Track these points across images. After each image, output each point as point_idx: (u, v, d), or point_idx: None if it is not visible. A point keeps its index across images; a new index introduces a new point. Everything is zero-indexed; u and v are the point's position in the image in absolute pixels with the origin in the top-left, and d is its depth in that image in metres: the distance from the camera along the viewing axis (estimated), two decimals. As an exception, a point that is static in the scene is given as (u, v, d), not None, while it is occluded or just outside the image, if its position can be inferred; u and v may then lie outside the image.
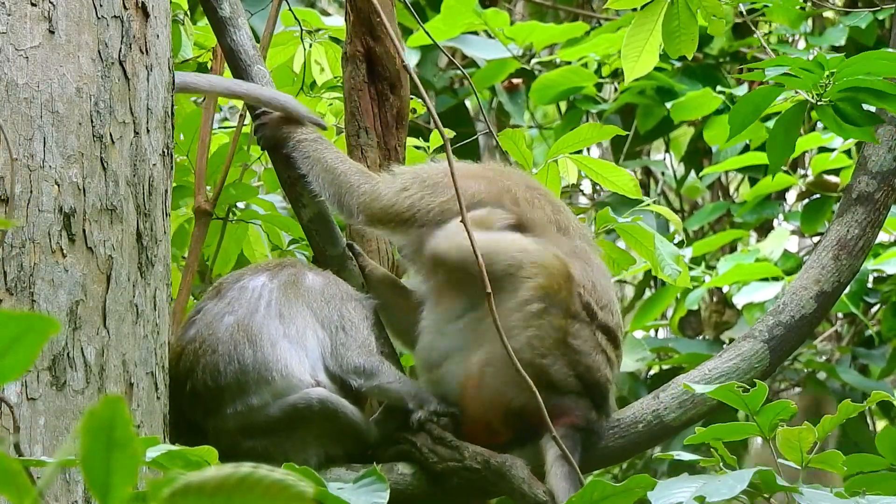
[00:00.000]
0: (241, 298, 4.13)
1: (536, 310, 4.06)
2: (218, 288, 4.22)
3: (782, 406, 3.55)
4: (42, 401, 3.51)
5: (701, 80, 7.64)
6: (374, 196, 4.24)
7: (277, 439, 4.06)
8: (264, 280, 4.18)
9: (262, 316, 4.09)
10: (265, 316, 4.10)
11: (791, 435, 3.57)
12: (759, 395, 3.54)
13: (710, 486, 3.15)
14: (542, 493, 4.01)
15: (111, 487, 1.86)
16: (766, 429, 3.57)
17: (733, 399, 3.56)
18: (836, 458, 3.56)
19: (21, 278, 3.55)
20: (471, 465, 4.10)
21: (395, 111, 4.62)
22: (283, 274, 4.20)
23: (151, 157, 3.82)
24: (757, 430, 3.57)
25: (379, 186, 4.26)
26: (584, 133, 4.88)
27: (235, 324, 4.08)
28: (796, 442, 3.57)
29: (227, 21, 4.42)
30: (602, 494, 2.88)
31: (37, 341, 1.90)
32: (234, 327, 4.08)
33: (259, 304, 4.12)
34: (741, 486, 3.14)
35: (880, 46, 7.75)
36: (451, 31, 7.65)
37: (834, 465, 3.56)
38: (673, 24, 4.77)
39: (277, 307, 4.12)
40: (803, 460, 3.59)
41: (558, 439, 3.99)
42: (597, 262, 4.26)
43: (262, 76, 4.43)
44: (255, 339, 4.06)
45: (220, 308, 4.13)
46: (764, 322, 4.39)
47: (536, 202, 4.26)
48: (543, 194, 4.35)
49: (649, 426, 4.27)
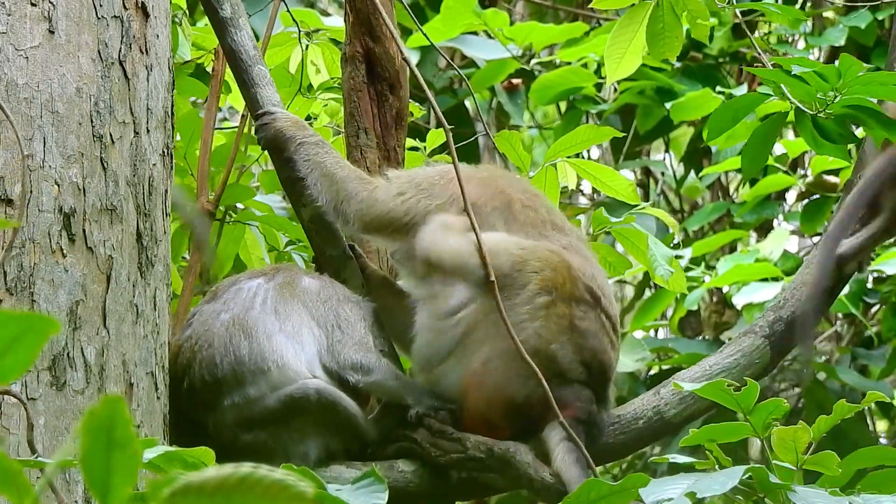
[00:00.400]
0: (237, 298, 4.16)
1: (544, 302, 4.09)
2: (214, 292, 4.25)
3: (775, 405, 3.49)
4: (42, 401, 3.52)
5: (701, 80, 7.64)
6: (370, 203, 4.25)
7: (276, 431, 4.07)
8: (260, 281, 4.21)
9: (257, 312, 4.12)
10: (261, 312, 4.12)
11: (786, 434, 3.50)
12: (751, 394, 3.48)
13: (701, 482, 3.14)
14: (549, 476, 4.03)
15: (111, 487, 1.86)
16: (759, 428, 3.51)
17: (725, 398, 3.50)
18: (830, 460, 3.49)
19: (21, 278, 3.55)
20: (474, 455, 4.11)
21: (395, 112, 4.62)
22: (279, 276, 4.23)
23: (151, 157, 3.82)
24: (751, 431, 3.51)
25: (376, 193, 4.26)
26: (582, 135, 4.88)
27: (231, 319, 4.11)
28: (791, 442, 3.50)
29: (227, 22, 4.42)
30: (599, 494, 2.88)
31: (37, 341, 1.91)
32: (230, 322, 4.10)
33: (255, 301, 4.14)
34: (733, 482, 3.13)
35: (880, 46, 7.77)
36: (451, 32, 7.65)
37: (829, 466, 3.49)
38: (657, 27, 4.76)
39: (273, 304, 4.14)
40: (798, 461, 3.52)
41: (565, 423, 4.01)
42: (593, 259, 4.29)
43: (263, 77, 4.43)
44: (251, 332, 4.08)
45: (215, 308, 4.16)
46: (765, 318, 4.39)
47: (531, 203, 4.28)
48: (538, 196, 4.37)
49: (650, 422, 4.28)
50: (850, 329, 8.12)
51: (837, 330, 8.20)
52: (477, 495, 4.69)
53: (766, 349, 4.34)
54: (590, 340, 4.14)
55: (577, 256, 4.21)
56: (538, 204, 4.30)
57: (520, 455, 4.09)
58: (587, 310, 4.14)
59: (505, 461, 4.10)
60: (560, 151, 4.88)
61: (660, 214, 5.24)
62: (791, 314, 4.36)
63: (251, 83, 4.42)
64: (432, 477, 4.18)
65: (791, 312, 4.36)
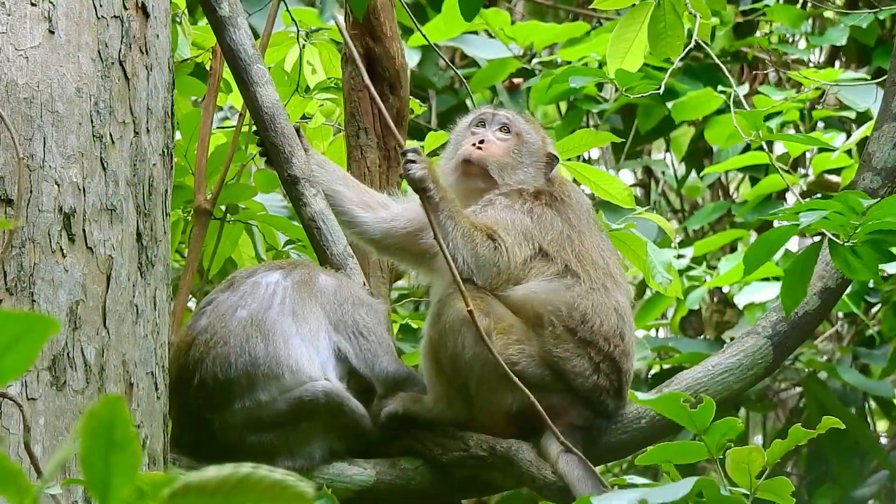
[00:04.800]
0: (255, 293, 4.16)
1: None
2: (230, 281, 4.25)
3: (730, 424, 3.32)
4: (42, 401, 3.51)
5: (702, 80, 7.63)
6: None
7: (283, 433, 4.08)
8: (278, 277, 4.20)
9: (276, 312, 4.12)
10: (279, 313, 4.12)
11: (739, 456, 3.32)
12: (707, 412, 3.32)
13: (652, 492, 3.11)
14: (551, 475, 4.05)
15: (111, 487, 1.86)
16: (713, 449, 3.35)
17: (679, 414, 3.35)
18: (785, 488, 3.33)
19: (21, 278, 3.55)
20: (476, 453, 4.13)
21: (395, 112, 4.62)
22: (296, 273, 4.23)
23: (151, 157, 3.81)
24: (705, 451, 3.35)
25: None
26: (579, 139, 4.89)
27: (248, 318, 4.11)
28: (745, 464, 3.33)
29: (226, 20, 4.42)
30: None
31: (37, 341, 1.90)
32: (247, 321, 4.11)
33: (273, 300, 4.14)
34: (683, 491, 3.09)
35: (881, 46, 7.76)
36: (452, 31, 7.64)
37: (782, 494, 3.33)
38: (659, 26, 4.76)
39: (291, 305, 4.14)
40: (752, 486, 3.34)
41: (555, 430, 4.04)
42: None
43: (262, 75, 4.43)
44: (268, 335, 4.09)
45: (232, 301, 4.15)
46: (767, 318, 4.38)
47: None
48: None
49: (652, 422, 4.28)
50: (851, 328, 8.11)
51: (839, 329, 8.19)
52: (479, 493, 4.70)
53: (768, 349, 4.34)
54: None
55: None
56: None
57: (521, 454, 4.10)
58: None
59: (507, 460, 4.11)
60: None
61: (658, 220, 5.25)
62: (793, 315, 4.36)
63: (250, 82, 4.42)
64: (435, 474, 4.20)
65: (794, 313, 4.36)
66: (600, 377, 4.19)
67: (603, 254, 4.31)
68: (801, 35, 8.22)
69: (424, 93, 8.16)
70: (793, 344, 4.41)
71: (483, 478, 4.19)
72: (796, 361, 7.53)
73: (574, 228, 4.29)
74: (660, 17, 4.75)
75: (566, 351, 4.15)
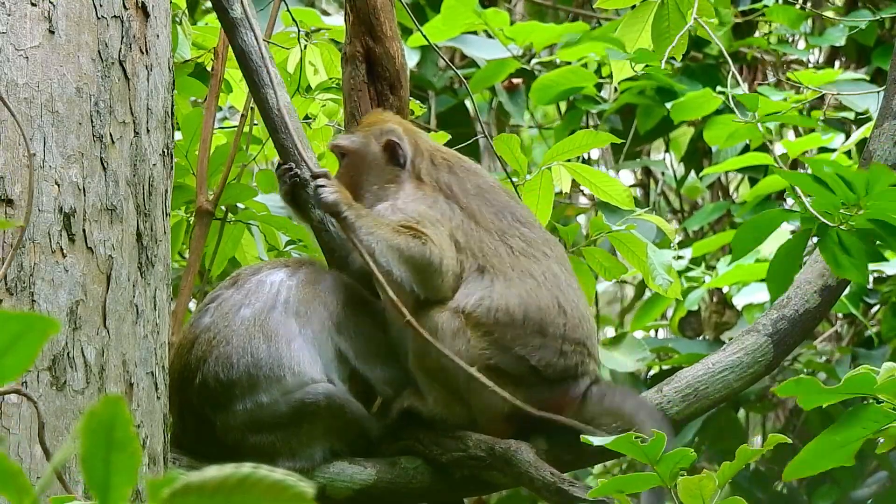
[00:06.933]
0: (259, 292, 4.15)
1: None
2: (235, 278, 4.24)
3: (682, 454, 3.37)
4: (42, 401, 3.51)
5: (701, 80, 7.64)
6: None
7: (285, 434, 4.09)
8: (283, 276, 4.19)
9: (279, 312, 4.11)
10: (283, 313, 4.12)
11: (691, 484, 3.38)
12: (659, 445, 3.37)
13: None
14: (550, 475, 4.05)
15: (111, 487, 1.86)
16: (666, 478, 3.39)
17: (632, 450, 3.40)
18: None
19: (21, 278, 3.55)
20: (475, 454, 4.14)
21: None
22: (301, 272, 4.22)
23: (151, 157, 3.82)
24: (658, 480, 3.40)
25: None
26: (579, 140, 4.88)
27: (252, 317, 4.10)
28: (697, 490, 3.38)
29: (238, 22, 4.38)
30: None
31: (37, 341, 1.90)
32: (251, 321, 4.10)
33: (277, 299, 4.13)
34: None
35: (880, 47, 7.77)
36: (451, 31, 7.65)
37: None
38: (663, 25, 4.75)
39: (295, 305, 4.14)
40: None
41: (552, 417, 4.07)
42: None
43: (274, 78, 4.40)
44: (271, 335, 4.08)
45: (236, 299, 4.15)
46: (768, 316, 4.38)
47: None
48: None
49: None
50: (850, 329, 8.11)
51: (838, 330, 8.20)
52: (478, 492, 4.70)
53: (768, 348, 4.34)
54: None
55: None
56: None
57: (521, 454, 4.11)
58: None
59: (506, 460, 4.11)
60: (557, 156, 4.88)
61: (658, 222, 5.25)
62: (794, 313, 4.36)
63: (261, 84, 4.39)
64: (434, 474, 4.21)
65: (794, 311, 4.36)
66: (566, 357, 4.16)
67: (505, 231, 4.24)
68: (801, 35, 8.23)
69: (424, 93, 8.16)
70: (793, 342, 4.41)
71: (483, 477, 4.20)
72: (795, 362, 7.53)
73: (469, 215, 4.24)
74: (663, 17, 4.75)
75: (523, 347, 4.14)
